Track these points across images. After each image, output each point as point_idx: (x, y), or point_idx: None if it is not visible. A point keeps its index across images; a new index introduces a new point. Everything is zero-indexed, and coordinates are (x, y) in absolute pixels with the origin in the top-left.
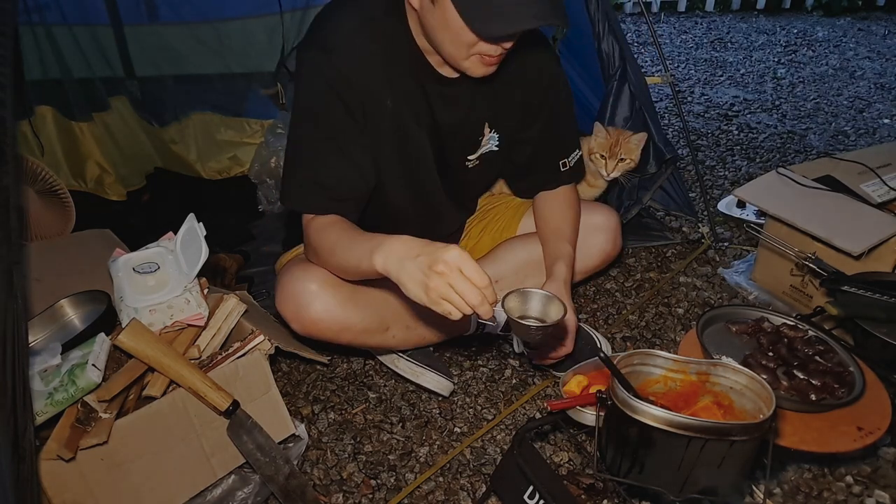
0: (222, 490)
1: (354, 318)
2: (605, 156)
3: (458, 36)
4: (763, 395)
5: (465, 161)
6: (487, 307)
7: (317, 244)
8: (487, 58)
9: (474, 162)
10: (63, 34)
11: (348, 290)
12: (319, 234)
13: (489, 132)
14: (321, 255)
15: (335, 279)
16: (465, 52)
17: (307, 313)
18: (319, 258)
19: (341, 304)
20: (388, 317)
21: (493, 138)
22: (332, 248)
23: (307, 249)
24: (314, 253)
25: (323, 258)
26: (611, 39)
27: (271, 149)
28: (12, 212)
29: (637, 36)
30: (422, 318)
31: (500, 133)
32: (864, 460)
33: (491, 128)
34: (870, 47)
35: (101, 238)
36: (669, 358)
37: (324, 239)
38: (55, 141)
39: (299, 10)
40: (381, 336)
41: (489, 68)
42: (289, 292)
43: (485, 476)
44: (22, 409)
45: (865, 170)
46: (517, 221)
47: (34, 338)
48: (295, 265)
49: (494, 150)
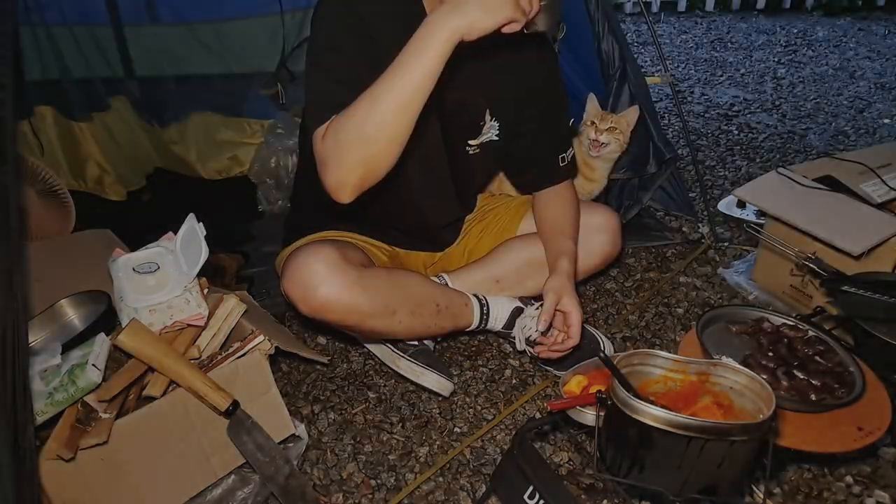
0: (222, 490)
1: (361, 301)
2: (596, 122)
3: None
4: (763, 395)
5: (467, 146)
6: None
7: (344, 119)
8: None
9: (475, 149)
10: (63, 34)
11: (356, 273)
12: (341, 116)
13: (490, 119)
14: (355, 125)
15: (343, 262)
16: None
17: (315, 295)
18: (352, 132)
19: (349, 287)
20: (394, 300)
21: (494, 127)
22: (368, 96)
23: (326, 155)
24: (341, 134)
25: (359, 127)
26: (611, 39)
27: (271, 149)
28: (12, 212)
29: (637, 36)
30: (426, 302)
31: (500, 122)
32: (864, 460)
33: (492, 116)
34: (870, 47)
35: (101, 238)
36: (669, 358)
37: (350, 109)
38: (55, 141)
39: (300, 10)
40: (387, 320)
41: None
42: (296, 275)
43: (485, 476)
44: (22, 409)
45: (865, 170)
46: (517, 222)
47: (34, 338)
48: (302, 250)
49: (495, 140)
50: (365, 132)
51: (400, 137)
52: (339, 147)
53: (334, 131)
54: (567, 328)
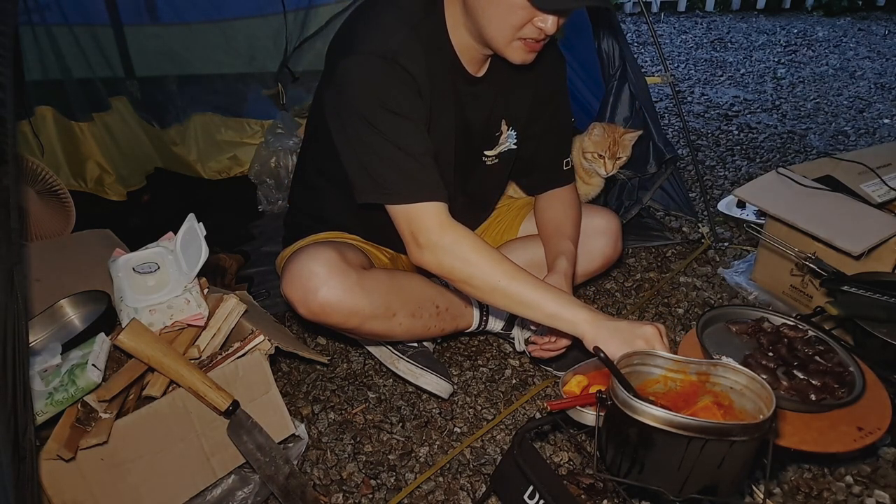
0: (222, 490)
1: (362, 303)
2: (604, 155)
3: (507, 13)
4: (763, 395)
5: (483, 156)
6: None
7: (459, 253)
8: (531, 43)
9: (493, 159)
10: (63, 34)
11: (356, 275)
12: (456, 240)
13: (507, 129)
14: (477, 286)
15: (343, 264)
16: (511, 34)
17: (315, 298)
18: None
19: (349, 289)
20: (394, 303)
21: (511, 136)
22: (510, 289)
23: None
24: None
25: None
26: (611, 39)
27: (271, 149)
28: (12, 212)
29: (637, 36)
30: (426, 305)
31: (515, 130)
32: (864, 460)
33: (508, 125)
34: (870, 47)
35: (101, 238)
36: (669, 358)
37: (469, 248)
38: (55, 141)
39: (302, 9)
40: (387, 322)
41: (530, 55)
42: (297, 277)
43: (485, 476)
44: (22, 409)
45: (865, 170)
46: (518, 224)
47: (34, 338)
48: (302, 252)
49: (513, 150)
50: (472, 294)
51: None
52: (447, 273)
53: (461, 263)
54: None
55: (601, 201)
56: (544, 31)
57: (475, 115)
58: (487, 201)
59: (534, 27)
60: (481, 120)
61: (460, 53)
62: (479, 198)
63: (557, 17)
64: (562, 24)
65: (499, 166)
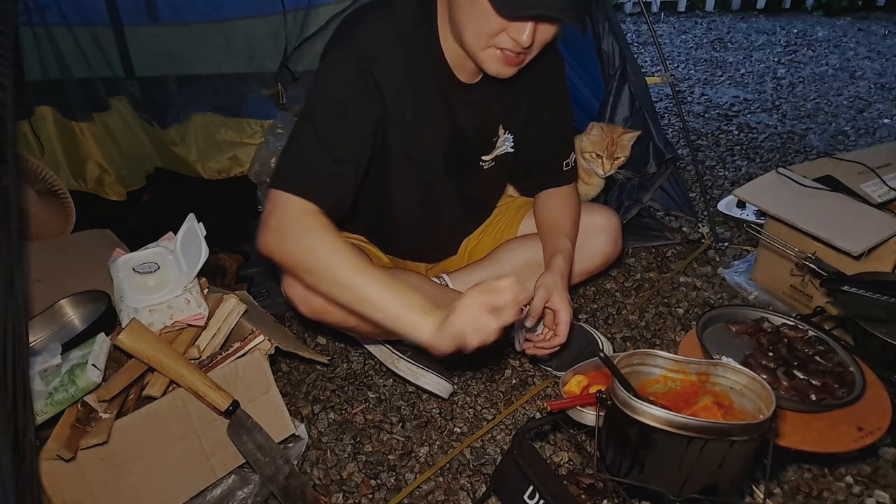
0: (222, 490)
1: None
2: (602, 155)
3: (481, 21)
4: (763, 395)
5: (480, 161)
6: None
7: (304, 242)
8: (509, 56)
9: (489, 163)
10: (63, 34)
11: None
12: (306, 229)
13: (504, 133)
14: (315, 279)
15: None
16: (484, 42)
17: (315, 297)
18: (306, 275)
19: None
20: None
21: (508, 139)
22: (343, 283)
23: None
24: (288, 241)
25: (307, 259)
26: (611, 39)
27: (271, 149)
28: (12, 212)
29: (637, 36)
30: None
31: (513, 133)
32: (864, 460)
33: (505, 129)
34: (870, 47)
35: (101, 238)
36: (669, 358)
37: (318, 239)
38: (55, 141)
39: (302, 9)
40: None
41: (507, 68)
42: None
43: (485, 476)
44: (22, 408)
45: (865, 170)
46: (518, 222)
47: (34, 338)
48: None
49: (510, 153)
50: (316, 287)
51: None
52: (287, 260)
53: (301, 251)
54: (555, 326)
55: (601, 201)
56: (519, 42)
57: (469, 122)
58: (487, 202)
59: (508, 38)
60: (476, 126)
61: (452, 61)
62: (478, 200)
63: (532, 29)
64: (542, 37)
65: (495, 169)
